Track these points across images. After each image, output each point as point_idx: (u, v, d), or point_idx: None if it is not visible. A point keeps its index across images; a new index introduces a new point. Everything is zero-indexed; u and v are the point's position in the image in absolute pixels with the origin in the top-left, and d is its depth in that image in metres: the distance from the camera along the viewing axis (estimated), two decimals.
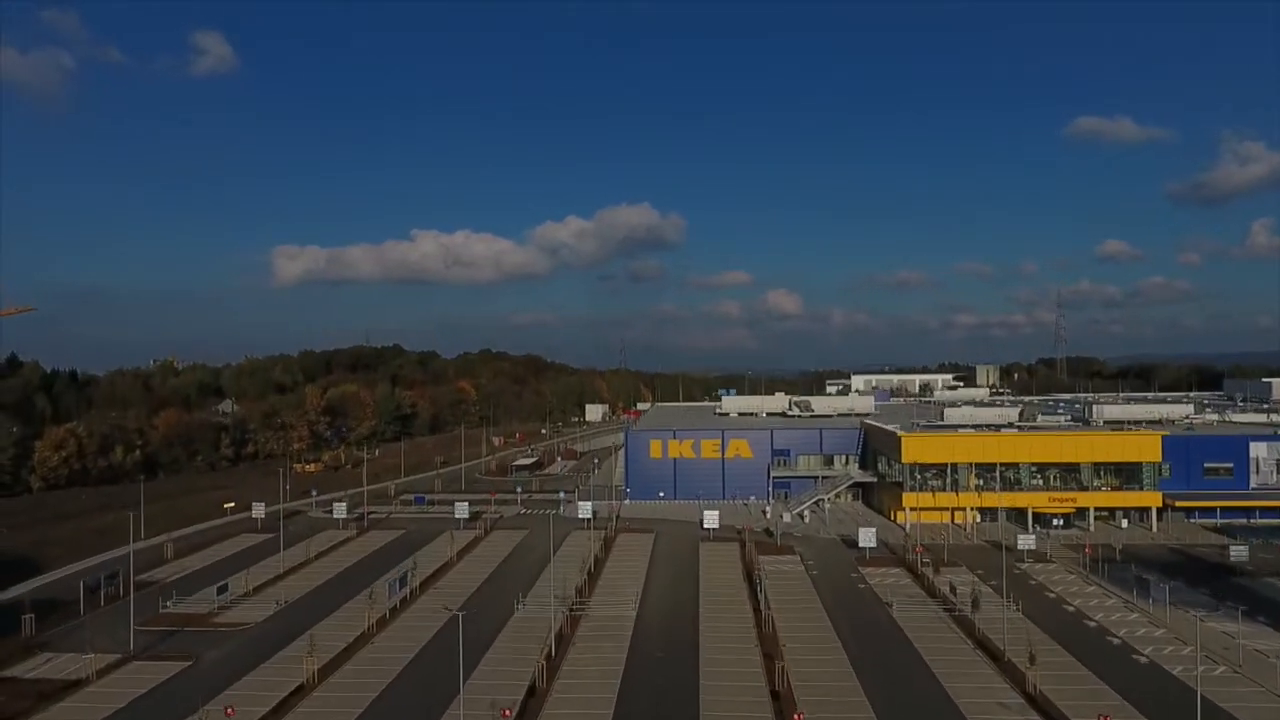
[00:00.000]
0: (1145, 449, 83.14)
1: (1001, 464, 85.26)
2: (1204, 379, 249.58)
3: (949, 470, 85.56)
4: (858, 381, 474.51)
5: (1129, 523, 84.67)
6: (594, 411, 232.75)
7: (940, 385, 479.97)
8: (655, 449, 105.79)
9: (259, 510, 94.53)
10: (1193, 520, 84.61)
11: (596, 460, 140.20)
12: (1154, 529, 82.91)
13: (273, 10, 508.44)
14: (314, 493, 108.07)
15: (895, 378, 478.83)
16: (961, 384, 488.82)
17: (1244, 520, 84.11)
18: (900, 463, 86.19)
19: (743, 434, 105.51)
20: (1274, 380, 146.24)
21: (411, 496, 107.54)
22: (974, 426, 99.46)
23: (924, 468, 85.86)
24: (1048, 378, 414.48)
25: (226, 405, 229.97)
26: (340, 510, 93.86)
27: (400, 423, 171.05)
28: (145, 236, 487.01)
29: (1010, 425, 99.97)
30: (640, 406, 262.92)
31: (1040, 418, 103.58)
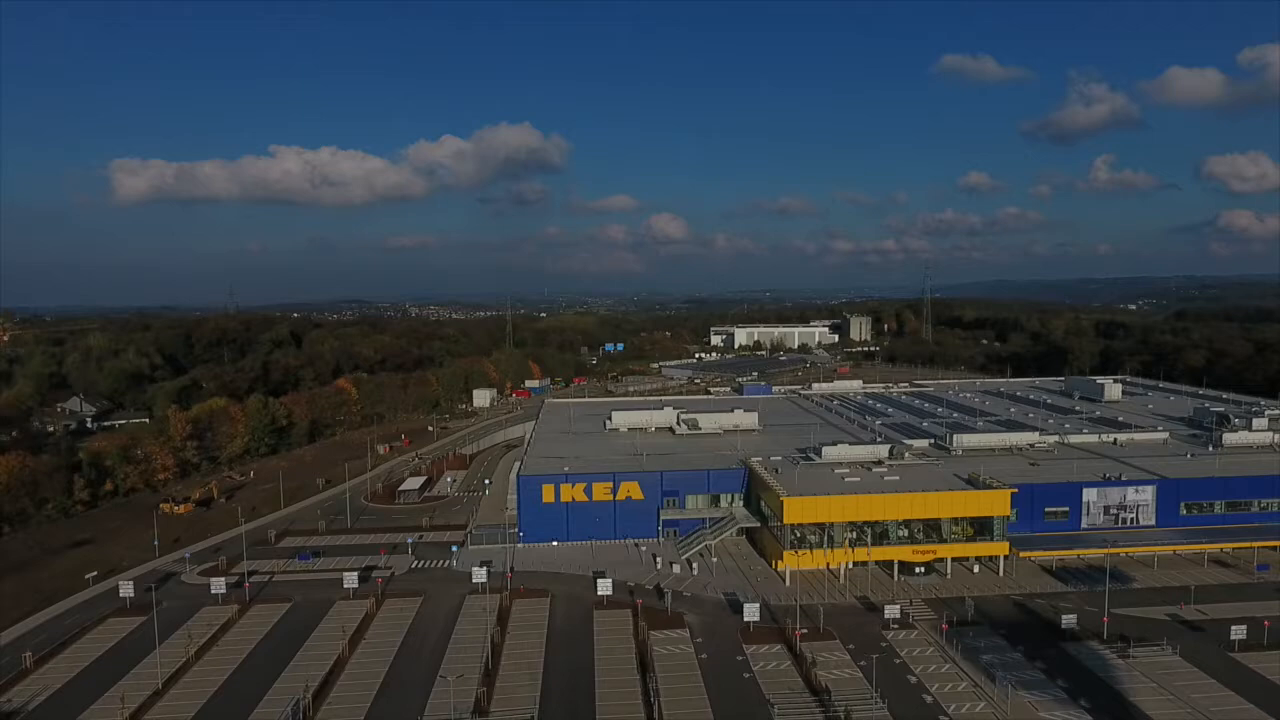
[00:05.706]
0: (997, 504, 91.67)
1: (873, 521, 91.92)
2: (1045, 355, 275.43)
3: (825, 527, 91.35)
4: (740, 335, 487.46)
5: (980, 568, 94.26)
6: (481, 397, 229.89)
7: (818, 340, 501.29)
8: (548, 493, 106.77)
9: (127, 588, 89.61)
10: (1033, 561, 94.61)
11: (488, 481, 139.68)
12: (1000, 572, 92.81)
13: None
14: (186, 555, 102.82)
15: (777, 330, 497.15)
16: (836, 336, 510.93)
17: (1076, 555, 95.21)
18: (781, 522, 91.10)
19: (633, 476, 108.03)
20: (1105, 381, 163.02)
21: (296, 555, 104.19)
22: (848, 464, 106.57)
23: (803, 524, 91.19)
24: (914, 333, 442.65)
25: (74, 403, 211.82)
26: (219, 585, 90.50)
27: (276, 435, 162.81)
28: None
29: (880, 463, 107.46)
30: (529, 384, 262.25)
31: (908, 455, 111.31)
